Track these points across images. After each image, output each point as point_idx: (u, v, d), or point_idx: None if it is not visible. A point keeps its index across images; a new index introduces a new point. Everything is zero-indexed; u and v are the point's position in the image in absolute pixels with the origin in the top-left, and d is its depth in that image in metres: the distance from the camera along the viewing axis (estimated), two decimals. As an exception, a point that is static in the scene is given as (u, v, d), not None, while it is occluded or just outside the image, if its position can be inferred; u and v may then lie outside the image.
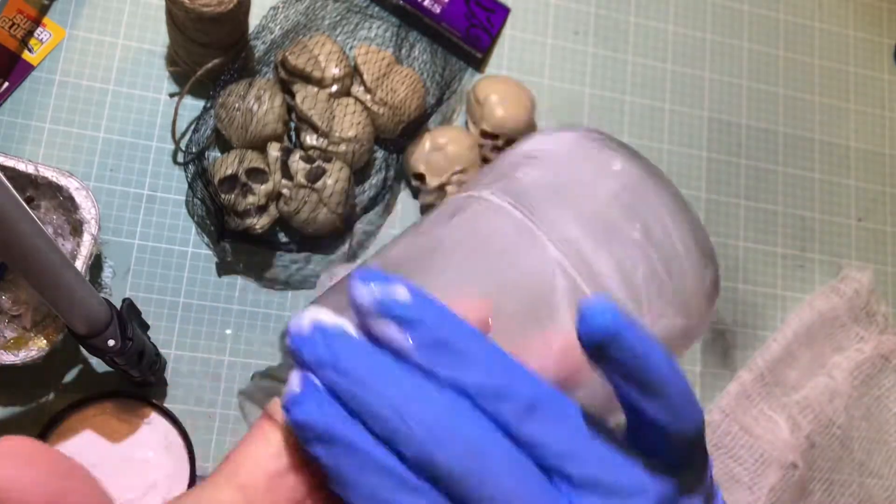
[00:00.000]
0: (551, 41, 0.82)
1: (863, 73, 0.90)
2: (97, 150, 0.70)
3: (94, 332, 0.53)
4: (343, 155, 0.69)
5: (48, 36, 0.71)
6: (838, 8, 0.91)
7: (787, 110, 0.87)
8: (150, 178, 0.71)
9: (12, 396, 0.65)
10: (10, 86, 0.69)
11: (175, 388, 0.68)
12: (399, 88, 0.72)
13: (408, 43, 0.77)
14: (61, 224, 0.64)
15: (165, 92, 0.73)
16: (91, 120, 0.70)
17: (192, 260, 0.70)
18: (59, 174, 0.61)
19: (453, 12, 0.77)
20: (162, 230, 0.70)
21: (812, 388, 0.77)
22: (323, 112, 0.69)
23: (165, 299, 0.69)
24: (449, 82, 0.76)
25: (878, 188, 0.87)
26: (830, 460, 0.76)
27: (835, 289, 0.81)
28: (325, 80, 0.70)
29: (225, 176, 0.66)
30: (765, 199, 0.84)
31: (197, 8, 0.63)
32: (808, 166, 0.86)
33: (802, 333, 0.79)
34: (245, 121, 0.68)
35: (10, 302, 0.62)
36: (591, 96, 0.82)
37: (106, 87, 0.71)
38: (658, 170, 0.39)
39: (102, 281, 0.68)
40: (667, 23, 0.86)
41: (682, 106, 0.84)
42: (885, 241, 0.86)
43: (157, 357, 0.64)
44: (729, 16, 0.88)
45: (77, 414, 0.63)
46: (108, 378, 0.66)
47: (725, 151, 0.84)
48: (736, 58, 0.87)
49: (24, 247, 0.44)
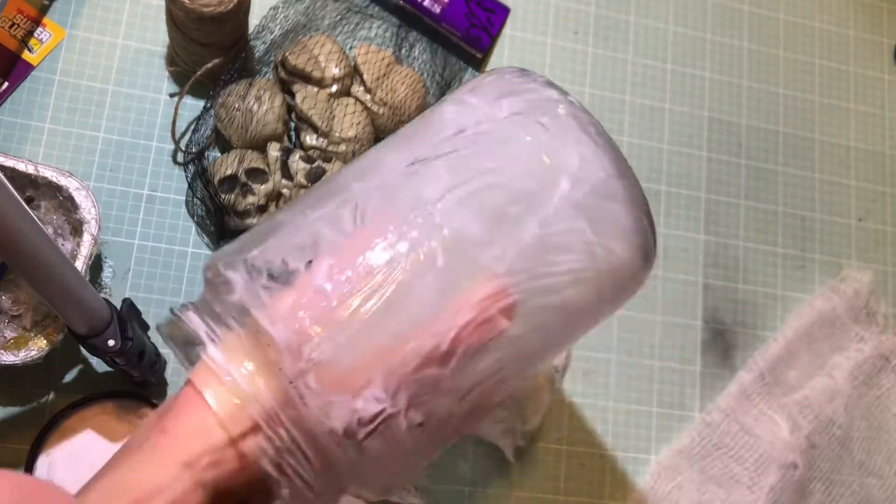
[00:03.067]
0: (551, 41, 0.82)
1: (863, 73, 0.90)
2: (97, 150, 0.70)
3: (94, 332, 0.53)
4: (343, 155, 0.69)
5: (48, 36, 0.71)
6: (838, 8, 0.91)
7: (787, 110, 0.87)
8: (149, 178, 0.71)
9: (12, 396, 0.65)
10: (9, 86, 0.69)
11: (175, 388, 0.68)
12: (399, 88, 0.72)
13: (408, 43, 0.77)
14: (61, 224, 0.64)
15: (165, 92, 0.73)
16: (91, 120, 0.70)
17: (192, 260, 0.70)
18: (59, 174, 0.61)
19: (453, 12, 0.77)
20: (162, 230, 0.70)
21: (812, 388, 0.77)
22: (323, 112, 0.69)
23: (165, 299, 0.69)
24: (449, 82, 0.76)
25: (878, 188, 0.87)
26: (830, 460, 0.76)
27: (835, 289, 0.81)
28: (325, 80, 0.70)
29: (225, 176, 0.66)
30: (765, 199, 0.84)
31: (197, 8, 0.63)
32: (809, 166, 0.86)
33: (803, 333, 0.79)
34: (245, 121, 0.68)
35: (11, 302, 0.62)
36: (591, 96, 0.82)
37: (106, 87, 0.71)
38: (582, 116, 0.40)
39: (102, 281, 0.68)
40: (667, 23, 0.86)
41: (682, 106, 0.84)
42: (885, 241, 0.86)
43: (158, 357, 0.64)
44: (729, 16, 0.88)
45: (77, 414, 0.63)
46: (108, 378, 0.66)
47: (725, 151, 0.84)
48: (736, 58, 0.87)
49: (24, 247, 0.44)
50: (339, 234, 0.36)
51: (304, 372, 0.33)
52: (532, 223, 0.36)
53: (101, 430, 0.63)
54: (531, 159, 0.38)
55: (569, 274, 0.37)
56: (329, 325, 0.34)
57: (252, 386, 0.34)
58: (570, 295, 0.38)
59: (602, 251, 0.38)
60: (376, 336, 0.34)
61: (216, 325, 0.36)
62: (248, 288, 0.35)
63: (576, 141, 0.38)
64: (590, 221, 0.37)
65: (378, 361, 0.34)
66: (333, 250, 0.36)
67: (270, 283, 0.35)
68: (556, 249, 0.37)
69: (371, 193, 0.38)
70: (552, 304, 0.37)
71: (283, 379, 0.33)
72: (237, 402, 0.33)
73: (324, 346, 0.34)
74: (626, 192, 0.39)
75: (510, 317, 0.36)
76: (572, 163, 0.38)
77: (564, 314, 0.39)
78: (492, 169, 0.37)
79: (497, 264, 0.36)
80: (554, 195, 0.37)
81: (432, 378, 0.35)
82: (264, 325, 0.34)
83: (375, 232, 0.36)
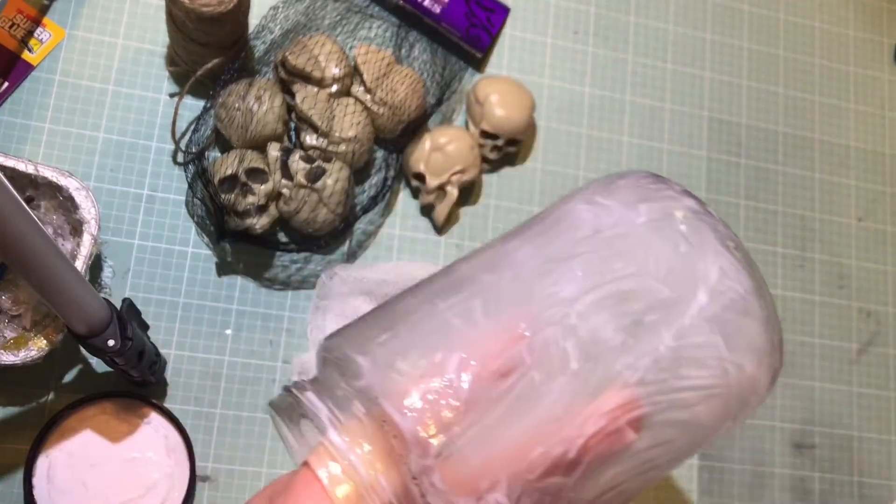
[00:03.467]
0: (551, 41, 0.82)
1: (862, 73, 0.90)
2: (97, 150, 0.70)
3: (93, 332, 0.53)
4: (343, 155, 0.69)
5: (48, 36, 0.71)
6: (838, 8, 0.91)
7: (787, 110, 0.87)
8: (149, 178, 0.71)
9: (12, 396, 0.65)
10: (9, 86, 0.69)
11: (175, 388, 0.68)
12: (399, 88, 0.72)
13: (408, 43, 0.77)
14: (61, 224, 0.64)
15: (165, 92, 0.73)
16: (91, 120, 0.70)
17: (192, 260, 0.70)
18: (59, 174, 0.61)
19: (453, 12, 0.77)
20: (162, 230, 0.70)
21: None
22: (323, 112, 0.69)
23: (165, 299, 0.69)
24: (449, 82, 0.76)
25: (877, 188, 0.87)
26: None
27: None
28: (325, 80, 0.70)
29: (225, 176, 0.66)
30: (765, 199, 0.84)
31: (197, 8, 0.63)
32: (808, 166, 0.86)
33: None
34: (245, 121, 0.68)
35: (10, 302, 0.62)
36: (591, 96, 0.82)
37: (106, 87, 0.71)
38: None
39: (102, 281, 0.68)
40: (666, 22, 0.86)
41: (682, 106, 0.84)
42: (885, 241, 0.86)
43: (157, 357, 0.64)
44: (729, 15, 0.88)
45: (77, 414, 0.63)
46: (108, 378, 0.66)
47: (725, 151, 0.84)
48: (736, 57, 0.87)
49: (24, 247, 0.44)
50: (471, 326, 0.36)
51: (429, 469, 0.32)
52: (667, 334, 0.36)
53: (101, 430, 0.63)
54: (669, 268, 0.37)
55: (700, 390, 0.36)
56: (459, 422, 0.33)
57: (373, 476, 0.33)
58: (700, 412, 0.37)
59: (734, 369, 0.37)
60: (505, 437, 0.33)
61: (339, 410, 0.35)
62: (378, 375, 0.34)
63: (715, 254, 0.38)
64: (725, 337, 0.37)
65: (504, 464, 0.33)
66: (465, 343, 0.35)
67: (400, 372, 0.34)
68: (690, 363, 0.36)
69: (502, 287, 0.37)
70: (680, 419, 0.36)
71: (407, 473, 0.33)
72: (357, 494, 0.33)
73: (453, 443, 0.33)
74: (763, 311, 0.38)
75: (637, 429, 0.35)
76: (711, 276, 0.37)
77: (690, 431, 0.38)
78: (629, 274, 0.37)
79: (630, 373, 0.35)
80: (691, 307, 0.36)
81: (556, 487, 0.34)
82: (393, 415, 0.33)
83: (508, 327, 0.35)
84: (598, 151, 0.81)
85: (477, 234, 0.76)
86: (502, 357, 0.34)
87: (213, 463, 0.67)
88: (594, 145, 0.81)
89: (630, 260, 0.37)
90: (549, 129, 0.80)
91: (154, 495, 0.63)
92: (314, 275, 0.72)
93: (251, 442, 0.68)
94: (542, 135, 0.80)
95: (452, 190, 0.73)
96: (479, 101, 0.75)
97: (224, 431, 0.68)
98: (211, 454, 0.67)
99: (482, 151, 0.76)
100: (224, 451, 0.67)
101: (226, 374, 0.69)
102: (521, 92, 0.76)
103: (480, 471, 0.33)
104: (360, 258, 0.74)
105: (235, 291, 0.70)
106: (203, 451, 0.67)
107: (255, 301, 0.71)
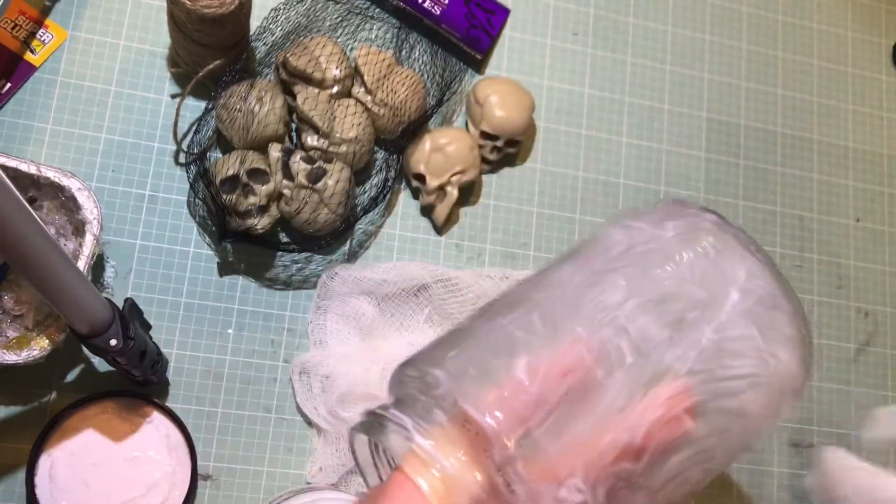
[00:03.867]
0: (551, 42, 0.83)
1: (861, 74, 0.90)
2: (99, 151, 0.70)
3: (96, 331, 0.53)
4: (344, 156, 0.70)
5: (50, 37, 0.71)
6: (836, 9, 0.91)
7: (785, 111, 0.87)
8: (151, 179, 0.71)
9: (14, 396, 0.65)
10: (12, 87, 0.70)
11: (176, 387, 0.68)
12: (399, 89, 0.72)
13: (408, 44, 0.77)
14: (63, 224, 0.64)
15: (167, 93, 0.73)
16: (93, 121, 0.71)
17: (194, 260, 0.70)
18: (62, 175, 0.61)
19: (453, 14, 0.77)
20: (163, 230, 0.70)
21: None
22: (324, 113, 0.69)
23: (167, 299, 0.69)
24: (449, 83, 0.76)
25: (876, 188, 0.88)
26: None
27: None
28: (325, 81, 0.71)
29: (226, 176, 0.66)
30: (763, 200, 0.84)
31: (198, 9, 0.63)
32: (807, 167, 0.86)
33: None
34: (246, 122, 0.68)
35: (13, 302, 0.62)
36: (591, 97, 0.82)
37: (108, 88, 0.72)
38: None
39: (104, 281, 0.68)
40: (665, 24, 0.86)
41: (680, 106, 0.85)
42: (883, 241, 0.87)
43: (159, 356, 0.64)
44: (728, 16, 0.88)
45: (79, 413, 0.64)
46: (110, 377, 0.66)
47: (724, 152, 0.85)
48: (734, 58, 0.87)
49: (27, 247, 0.44)
50: (533, 335, 0.39)
51: (512, 459, 0.35)
52: (708, 328, 0.39)
53: (103, 429, 0.64)
54: (702, 272, 0.41)
55: (745, 378, 0.40)
56: (533, 416, 0.36)
57: (461, 473, 0.36)
58: (747, 399, 0.40)
59: (771, 359, 0.41)
60: (577, 427, 0.36)
61: (422, 420, 0.38)
62: (454, 381, 0.38)
63: (741, 257, 0.42)
64: (759, 329, 0.40)
65: (579, 452, 0.36)
66: (529, 349, 0.38)
67: (473, 376, 0.38)
68: (732, 354, 0.40)
69: (556, 301, 0.41)
70: (731, 407, 0.40)
71: (491, 466, 0.36)
72: (447, 489, 0.36)
73: (531, 435, 0.36)
74: (790, 305, 0.42)
75: (693, 417, 0.38)
76: (740, 276, 0.41)
77: (742, 419, 0.41)
78: (666, 279, 0.40)
79: (679, 364, 0.38)
80: (726, 304, 0.40)
81: (626, 472, 0.37)
82: (473, 414, 0.36)
83: (566, 332, 0.39)
84: (597, 152, 0.81)
85: (477, 235, 0.77)
86: (565, 358, 0.37)
87: (214, 462, 0.67)
88: (593, 146, 0.81)
89: (665, 268, 0.41)
90: (548, 129, 0.81)
91: (155, 494, 0.63)
92: (315, 275, 0.72)
93: (252, 441, 0.68)
94: (541, 135, 0.80)
95: (452, 190, 0.73)
96: (478, 101, 0.76)
97: (225, 430, 0.68)
98: (212, 453, 0.67)
99: (482, 152, 0.76)
100: (225, 450, 0.68)
101: (227, 373, 0.69)
102: (521, 93, 0.76)
103: (558, 459, 0.36)
104: (361, 258, 0.74)
105: (237, 291, 0.71)
106: (204, 450, 0.67)
107: (256, 301, 0.71)
